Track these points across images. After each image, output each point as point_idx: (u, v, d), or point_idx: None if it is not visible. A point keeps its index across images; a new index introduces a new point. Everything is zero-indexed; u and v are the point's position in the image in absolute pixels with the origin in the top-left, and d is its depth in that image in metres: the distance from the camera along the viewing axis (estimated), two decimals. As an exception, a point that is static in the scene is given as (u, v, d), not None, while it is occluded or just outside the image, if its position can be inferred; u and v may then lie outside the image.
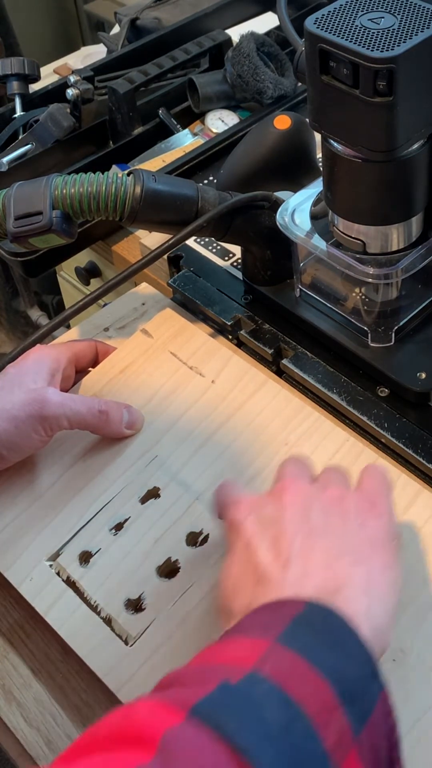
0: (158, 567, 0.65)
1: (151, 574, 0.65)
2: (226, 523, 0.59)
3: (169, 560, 0.65)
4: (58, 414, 0.68)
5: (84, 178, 0.72)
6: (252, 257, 0.81)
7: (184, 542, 0.66)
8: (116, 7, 1.78)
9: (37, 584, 0.65)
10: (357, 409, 0.74)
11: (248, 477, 0.69)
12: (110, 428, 0.71)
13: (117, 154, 1.03)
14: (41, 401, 0.68)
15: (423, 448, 0.71)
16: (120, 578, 0.65)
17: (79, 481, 0.70)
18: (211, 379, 0.76)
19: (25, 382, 0.69)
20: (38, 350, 0.74)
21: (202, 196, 0.75)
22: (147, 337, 0.80)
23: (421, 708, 0.57)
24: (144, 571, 0.65)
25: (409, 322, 0.77)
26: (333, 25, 0.62)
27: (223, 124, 1.06)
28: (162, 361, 0.78)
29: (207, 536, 0.66)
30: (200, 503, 0.68)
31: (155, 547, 0.66)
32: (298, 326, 0.80)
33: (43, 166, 1.02)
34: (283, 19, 0.98)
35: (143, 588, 0.64)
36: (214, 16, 1.18)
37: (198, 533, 0.67)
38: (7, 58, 1.09)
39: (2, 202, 0.72)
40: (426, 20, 0.62)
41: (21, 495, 0.70)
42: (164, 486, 0.69)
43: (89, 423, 0.70)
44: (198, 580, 0.64)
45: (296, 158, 0.83)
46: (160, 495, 0.69)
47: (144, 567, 0.65)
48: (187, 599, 0.63)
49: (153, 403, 0.75)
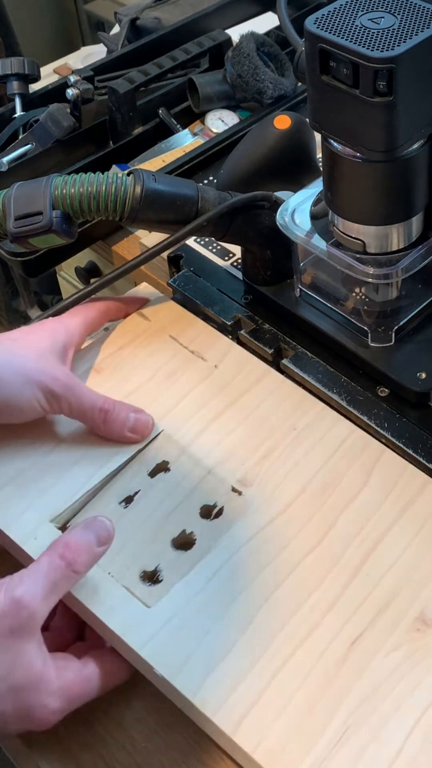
0: (173, 539, 0.64)
1: (166, 546, 0.64)
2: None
3: (183, 533, 0.65)
4: (60, 395, 0.67)
5: (84, 178, 0.72)
6: (252, 257, 0.81)
7: (198, 515, 0.65)
8: (116, 7, 1.78)
9: (42, 543, 0.62)
10: (357, 409, 0.74)
11: (259, 456, 0.69)
12: (109, 429, 0.69)
13: (117, 154, 1.03)
14: (52, 376, 0.67)
15: (423, 448, 0.71)
16: (134, 551, 0.64)
17: (81, 447, 0.69)
18: (213, 364, 0.76)
19: (41, 350, 0.68)
20: (54, 321, 0.73)
21: (202, 196, 0.75)
22: (144, 320, 0.79)
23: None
24: (158, 544, 0.64)
25: (409, 322, 0.77)
26: (333, 25, 0.62)
27: (223, 124, 1.06)
28: (161, 343, 0.77)
29: (222, 509, 0.66)
30: (213, 476, 0.67)
31: (168, 519, 0.65)
32: (298, 326, 0.80)
33: (43, 166, 1.02)
34: (283, 19, 0.98)
35: (158, 560, 0.63)
36: (214, 16, 1.18)
37: (212, 506, 0.66)
38: (7, 58, 1.08)
39: (2, 202, 0.72)
40: (426, 20, 0.62)
41: (20, 455, 0.68)
42: (174, 460, 0.69)
43: (87, 417, 0.69)
44: (216, 548, 0.63)
45: (296, 158, 0.83)
46: (170, 469, 0.68)
47: (158, 539, 0.64)
48: (205, 567, 0.62)
49: (154, 382, 0.74)
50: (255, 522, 0.65)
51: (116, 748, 0.61)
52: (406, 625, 0.60)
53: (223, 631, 0.59)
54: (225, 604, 0.61)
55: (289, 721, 0.56)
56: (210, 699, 0.57)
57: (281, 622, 0.60)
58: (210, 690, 0.57)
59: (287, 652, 0.59)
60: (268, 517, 0.66)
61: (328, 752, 0.55)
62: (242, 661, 0.58)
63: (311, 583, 0.62)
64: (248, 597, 0.61)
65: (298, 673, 0.58)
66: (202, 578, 0.62)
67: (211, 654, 0.58)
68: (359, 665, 0.58)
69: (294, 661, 0.58)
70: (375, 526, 0.65)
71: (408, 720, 0.56)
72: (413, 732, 0.55)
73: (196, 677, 0.57)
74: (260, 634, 0.59)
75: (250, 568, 0.63)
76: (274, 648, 0.59)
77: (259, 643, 0.59)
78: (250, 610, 0.61)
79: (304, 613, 0.61)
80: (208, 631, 0.59)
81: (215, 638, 0.59)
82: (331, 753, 0.55)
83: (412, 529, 0.65)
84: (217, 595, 0.61)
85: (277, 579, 0.62)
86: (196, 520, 0.65)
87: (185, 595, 0.61)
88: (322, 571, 0.63)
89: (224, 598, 0.61)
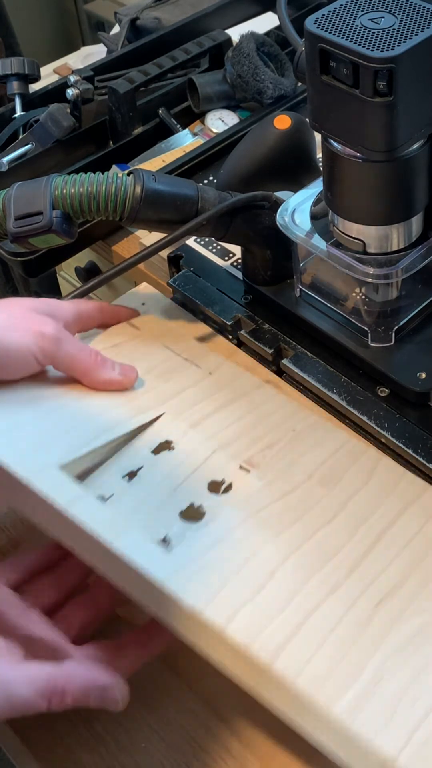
0: (181, 512, 0.62)
1: (175, 517, 0.62)
2: None
3: (192, 506, 0.63)
4: (54, 338, 0.66)
5: (84, 178, 0.72)
6: (252, 257, 0.81)
7: (207, 489, 0.64)
8: (116, 7, 1.78)
9: (51, 482, 0.59)
10: (357, 409, 0.74)
11: (263, 446, 0.69)
12: (99, 372, 0.69)
13: (117, 154, 1.03)
14: (42, 321, 0.66)
15: (423, 448, 0.71)
16: (140, 521, 0.61)
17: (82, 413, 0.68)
18: (208, 371, 0.75)
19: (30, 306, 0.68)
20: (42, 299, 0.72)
21: (203, 196, 0.75)
22: (134, 329, 0.79)
23: None
24: (166, 515, 0.62)
25: (409, 322, 0.77)
26: (333, 25, 0.62)
27: (223, 124, 1.06)
28: (154, 349, 0.77)
29: (231, 484, 0.65)
30: (218, 455, 0.66)
31: (175, 493, 0.63)
32: (298, 326, 0.80)
33: (43, 166, 1.02)
34: (283, 19, 0.98)
35: (168, 530, 0.61)
36: (214, 16, 1.18)
37: (220, 482, 0.65)
38: (7, 58, 1.09)
39: (2, 202, 0.72)
40: (426, 20, 0.62)
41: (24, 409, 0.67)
42: (177, 439, 0.68)
43: (81, 360, 0.68)
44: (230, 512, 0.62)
45: (296, 158, 0.83)
46: (174, 448, 0.67)
47: (167, 510, 0.62)
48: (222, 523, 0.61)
49: (151, 375, 0.73)
50: (267, 496, 0.64)
51: (116, 748, 0.61)
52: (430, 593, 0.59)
53: (251, 573, 0.58)
54: (248, 553, 0.59)
55: (328, 655, 0.54)
56: (244, 629, 0.54)
57: (306, 575, 0.59)
58: (243, 621, 0.55)
59: (316, 601, 0.57)
60: (279, 494, 0.65)
61: (369, 688, 0.54)
62: (273, 601, 0.56)
63: (329, 551, 0.61)
64: (270, 551, 0.60)
65: (329, 620, 0.57)
66: (220, 531, 0.60)
67: (241, 591, 0.56)
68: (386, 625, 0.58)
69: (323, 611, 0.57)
70: (383, 514, 0.65)
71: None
72: None
73: (227, 608, 0.55)
74: (286, 583, 0.58)
75: (266, 530, 0.61)
76: (304, 594, 0.58)
77: (287, 589, 0.57)
78: (274, 561, 0.59)
79: (325, 574, 0.60)
80: (236, 573, 0.57)
81: (244, 579, 0.57)
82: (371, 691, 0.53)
83: (419, 518, 0.65)
84: (238, 546, 0.59)
85: (294, 543, 0.61)
86: (204, 494, 0.63)
87: (204, 543, 0.59)
88: (339, 541, 0.62)
89: (246, 549, 0.59)
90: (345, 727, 0.52)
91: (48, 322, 0.67)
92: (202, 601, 0.55)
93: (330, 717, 0.52)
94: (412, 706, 0.53)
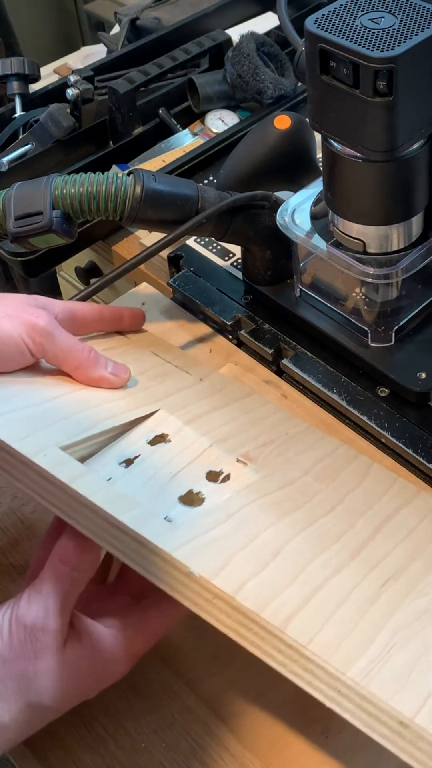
0: (180, 497, 0.61)
1: (174, 501, 0.61)
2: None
3: (191, 492, 0.62)
4: (47, 332, 0.65)
5: (84, 178, 0.72)
6: (252, 257, 0.81)
7: (205, 478, 0.64)
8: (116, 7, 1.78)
9: (53, 460, 0.58)
10: (357, 409, 0.74)
11: (258, 444, 0.69)
12: (93, 368, 0.68)
13: (117, 154, 1.03)
14: (35, 314, 0.66)
15: (423, 448, 0.71)
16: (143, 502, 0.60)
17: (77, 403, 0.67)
18: (199, 378, 0.75)
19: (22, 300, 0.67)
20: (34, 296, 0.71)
21: (203, 196, 0.75)
22: (123, 338, 0.78)
23: None
24: (166, 499, 0.61)
25: (409, 322, 0.77)
26: (333, 25, 0.62)
27: (223, 124, 1.06)
28: (145, 356, 0.76)
29: (229, 475, 0.64)
30: (216, 448, 0.66)
31: (174, 480, 0.63)
32: (298, 326, 0.80)
33: (43, 166, 1.02)
34: (283, 19, 0.98)
35: (168, 512, 0.60)
36: (214, 16, 1.18)
37: (218, 472, 0.64)
38: (7, 58, 1.09)
39: (2, 202, 0.72)
40: (426, 20, 0.62)
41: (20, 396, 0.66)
42: (174, 433, 0.67)
43: (73, 355, 0.67)
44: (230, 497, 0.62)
45: (296, 158, 0.83)
46: (171, 440, 0.67)
47: (165, 495, 0.61)
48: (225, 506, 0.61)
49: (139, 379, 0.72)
50: (266, 486, 0.64)
51: (116, 748, 0.61)
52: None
53: (258, 549, 0.58)
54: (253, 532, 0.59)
55: (340, 623, 0.54)
56: (253, 598, 0.54)
57: (311, 555, 0.59)
58: (253, 591, 0.54)
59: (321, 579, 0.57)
60: (277, 485, 0.64)
61: (383, 655, 0.53)
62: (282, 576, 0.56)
63: (330, 537, 0.61)
64: (271, 534, 0.60)
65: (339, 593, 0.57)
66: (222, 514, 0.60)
67: (249, 564, 0.56)
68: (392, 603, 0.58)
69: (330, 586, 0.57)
70: (380, 510, 0.65)
71: None
72: None
73: (236, 579, 0.55)
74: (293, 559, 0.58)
75: (268, 515, 0.61)
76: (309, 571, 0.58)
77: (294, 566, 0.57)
78: (278, 541, 0.59)
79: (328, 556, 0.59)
80: (243, 548, 0.57)
81: (251, 553, 0.57)
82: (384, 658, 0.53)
83: (415, 517, 0.65)
84: (241, 526, 0.59)
85: (294, 528, 0.61)
86: (203, 482, 0.63)
87: (208, 523, 0.59)
88: (339, 530, 0.62)
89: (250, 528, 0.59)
90: (361, 689, 0.51)
91: (41, 314, 0.66)
92: (210, 571, 0.54)
93: (345, 680, 0.51)
94: (425, 675, 0.53)
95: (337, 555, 0.60)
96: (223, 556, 0.56)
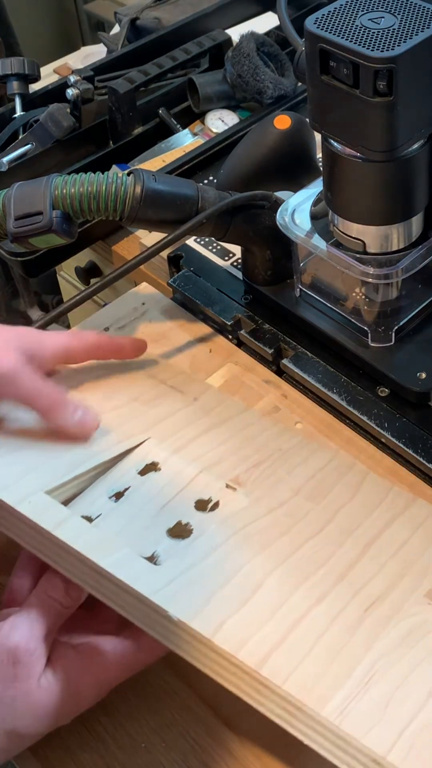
0: (168, 529, 0.63)
1: (162, 535, 0.62)
2: None
3: (179, 523, 0.63)
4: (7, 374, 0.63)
5: (84, 178, 0.72)
6: (252, 257, 0.81)
7: (194, 507, 0.65)
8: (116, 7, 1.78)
9: (37, 506, 0.60)
10: (357, 409, 0.74)
11: (249, 465, 0.69)
12: (53, 417, 0.66)
13: (117, 154, 1.03)
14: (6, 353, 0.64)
15: (423, 448, 0.71)
16: (128, 539, 0.62)
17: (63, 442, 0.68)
18: (193, 397, 0.75)
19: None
20: (31, 329, 0.70)
21: (203, 196, 0.75)
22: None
23: None
24: (154, 533, 0.62)
25: (409, 322, 0.77)
26: (333, 25, 0.62)
27: (223, 124, 1.06)
28: (137, 379, 0.76)
29: (218, 502, 0.65)
30: (205, 475, 0.67)
31: (162, 511, 0.64)
32: (298, 326, 0.80)
33: (43, 166, 1.02)
34: (283, 19, 0.98)
35: (155, 547, 0.61)
36: (214, 16, 1.18)
37: (207, 500, 0.65)
38: (7, 58, 1.09)
39: (2, 202, 0.72)
40: (426, 20, 0.62)
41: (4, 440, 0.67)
42: (163, 461, 0.68)
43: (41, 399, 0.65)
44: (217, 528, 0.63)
45: (296, 158, 0.83)
46: (161, 469, 0.68)
47: (154, 529, 0.63)
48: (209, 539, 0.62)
49: (133, 406, 0.73)
50: (253, 512, 0.65)
51: (116, 748, 0.61)
52: (417, 599, 0.60)
53: (238, 586, 0.58)
54: (235, 567, 0.60)
55: (316, 660, 0.55)
56: (231, 639, 0.55)
57: (292, 586, 0.60)
58: (230, 631, 0.55)
59: (304, 609, 0.58)
60: (266, 509, 0.65)
61: (358, 690, 0.55)
62: (260, 612, 0.57)
63: (317, 561, 0.62)
64: (257, 564, 0.60)
65: (319, 625, 0.58)
66: (207, 547, 0.61)
67: (228, 603, 0.57)
68: (374, 629, 0.58)
69: (312, 618, 0.58)
70: (371, 525, 0.65)
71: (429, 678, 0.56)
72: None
73: (214, 620, 0.56)
74: (275, 593, 0.59)
75: (253, 544, 0.62)
76: (291, 604, 0.58)
77: (275, 599, 0.58)
78: (261, 573, 0.60)
79: (314, 582, 0.60)
80: (223, 586, 0.58)
81: (230, 591, 0.58)
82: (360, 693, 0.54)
83: (407, 529, 0.66)
84: (225, 561, 0.60)
85: (281, 555, 0.62)
86: (191, 512, 0.64)
87: (192, 558, 0.60)
88: (326, 553, 0.63)
89: (233, 563, 0.60)
90: (335, 728, 0.53)
91: (9, 356, 0.65)
92: (189, 613, 0.56)
93: (319, 719, 0.53)
94: (401, 707, 0.54)
95: (322, 581, 0.61)
96: (203, 596, 0.57)
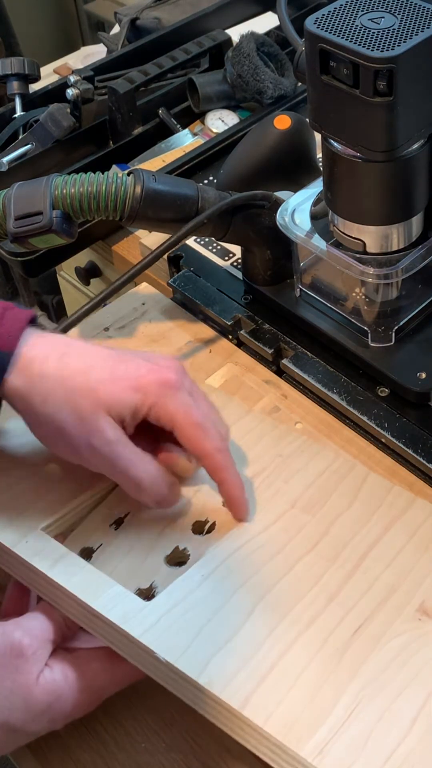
0: (166, 556, 0.64)
1: (160, 563, 0.64)
2: None
3: (177, 549, 0.65)
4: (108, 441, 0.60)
5: (84, 178, 0.72)
6: (252, 257, 0.81)
7: (191, 531, 0.65)
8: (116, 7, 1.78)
9: (33, 547, 0.61)
10: (357, 409, 0.74)
11: (248, 476, 0.69)
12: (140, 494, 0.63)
13: (117, 154, 1.03)
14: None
15: (423, 448, 0.71)
16: (127, 569, 0.63)
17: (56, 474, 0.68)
18: None
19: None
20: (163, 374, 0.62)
21: (203, 196, 0.75)
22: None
23: None
24: (152, 562, 0.64)
25: (409, 322, 0.77)
26: (333, 25, 0.62)
27: (223, 124, 1.06)
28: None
29: (214, 523, 0.66)
30: (202, 494, 0.67)
31: (161, 537, 0.65)
32: (298, 326, 0.80)
33: (43, 166, 1.02)
34: (283, 19, 0.98)
35: (153, 577, 0.63)
36: (214, 16, 1.18)
37: (204, 521, 0.66)
38: (7, 58, 1.09)
39: (2, 202, 0.72)
40: (426, 20, 0.62)
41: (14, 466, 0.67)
42: None
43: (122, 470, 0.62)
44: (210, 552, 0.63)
45: (296, 158, 0.83)
46: None
47: (152, 557, 0.64)
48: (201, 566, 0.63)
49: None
50: (248, 530, 0.66)
51: (116, 748, 0.61)
52: (408, 615, 0.60)
53: (224, 619, 0.59)
54: (224, 598, 0.61)
55: (297, 698, 0.56)
56: (216, 679, 0.56)
57: (282, 612, 0.60)
58: (215, 671, 0.57)
59: (291, 637, 0.59)
60: (262, 526, 0.66)
61: (338, 728, 0.55)
62: (246, 646, 0.58)
63: (310, 580, 0.62)
64: (247, 591, 0.61)
65: (302, 657, 0.58)
66: (198, 576, 0.62)
67: (214, 639, 0.58)
68: (362, 652, 0.59)
69: (298, 646, 0.59)
70: (367, 533, 0.66)
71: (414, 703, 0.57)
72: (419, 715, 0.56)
73: (199, 659, 0.57)
74: (262, 622, 0.60)
75: (246, 567, 0.63)
76: (277, 634, 0.59)
77: (262, 630, 0.59)
78: (250, 601, 0.61)
79: (305, 604, 0.61)
80: (209, 620, 0.59)
81: (216, 626, 0.59)
82: (340, 730, 0.55)
83: (403, 535, 0.66)
84: (214, 591, 0.61)
85: (274, 577, 0.62)
86: (188, 536, 0.65)
87: (182, 590, 0.61)
88: (319, 570, 0.63)
89: (222, 592, 0.61)
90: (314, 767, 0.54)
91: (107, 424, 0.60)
92: (175, 653, 0.57)
93: (299, 759, 0.54)
94: (383, 741, 0.55)
95: (312, 604, 0.61)
96: (190, 633, 0.58)
